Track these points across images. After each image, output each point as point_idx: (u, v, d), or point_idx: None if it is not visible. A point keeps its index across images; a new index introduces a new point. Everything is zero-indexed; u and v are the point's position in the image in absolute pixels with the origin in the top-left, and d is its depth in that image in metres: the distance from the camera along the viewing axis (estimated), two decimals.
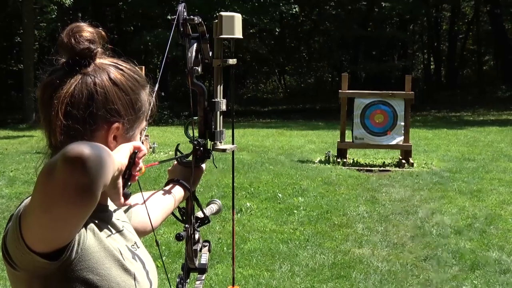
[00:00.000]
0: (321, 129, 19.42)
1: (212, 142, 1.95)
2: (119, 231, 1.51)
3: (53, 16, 27.36)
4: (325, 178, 10.11)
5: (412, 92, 11.69)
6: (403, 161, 11.48)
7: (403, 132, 11.70)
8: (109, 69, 1.47)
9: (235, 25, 1.92)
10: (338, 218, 7.81)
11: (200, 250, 2.06)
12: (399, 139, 11.71)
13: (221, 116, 1.97)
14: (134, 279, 1.44)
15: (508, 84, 34.20)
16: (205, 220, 2.04)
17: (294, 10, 28.47)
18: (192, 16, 1.76)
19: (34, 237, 1.24)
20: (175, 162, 2.02)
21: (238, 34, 1.93)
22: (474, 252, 6.45)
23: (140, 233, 1.76)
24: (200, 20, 1.80)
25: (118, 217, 1.56)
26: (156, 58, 33.95)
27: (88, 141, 1.37)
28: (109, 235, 1.45)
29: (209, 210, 2.15)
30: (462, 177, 10.27)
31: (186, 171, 1.96)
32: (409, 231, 7.27)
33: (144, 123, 1.54)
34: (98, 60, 1.46)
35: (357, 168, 11.30)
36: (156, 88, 1.57)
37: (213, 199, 2.24)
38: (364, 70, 33.81)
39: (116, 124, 1.45)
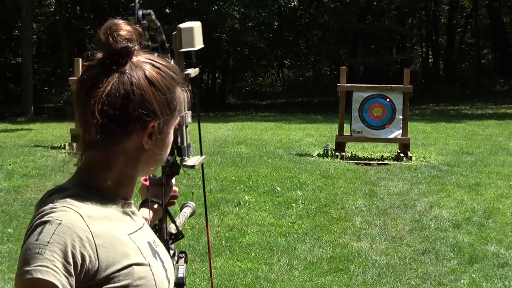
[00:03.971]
0: (319, 123, 19.40)
1: (180, 158, 1.92)
2: (140, 228, 1.51)
3: (51, 9, 27.32)
4: (323, 172, 10.11)
5: (411, 86, 11.68)
6: (402, 154, 11.49)
7: (401, 125, 11.70)
8: (146, 67, 1.44)
9: (194, 36, 1.85)
10: (337, 211, 7.82)
11: (177, 262, 2.04)
12: (397, 133, 11.71)
13: (187, 129, 1.93)
14: (154, 277, 1.44)
15: (506, 77, 34.24)
16: (178, 235, 2.04)
17: (293, 3, 28.38)
18: (148, 10, 1.69)
19: None
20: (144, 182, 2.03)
21: (199, 45, 1.87)
22: (472, 246, 6.46)
23: None
24: (159, 25, 1.75)
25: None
26: None
27: (123, 139, 1.41)
28: (135, 232, 1.46)
29: (183, 217, 2.13)
30: (460, 170, 10.27)
31: (155, 189, 2.01)
32: (407, 224, 7.28)
33: (178, 119, 1.53)
34: (134, 58, 1.44)
35: (355, 161, 11.31)
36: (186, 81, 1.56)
37: (186, 202, 2.22)
38: (362, 64, 33.74)
39: (151, 124, 1.44)
